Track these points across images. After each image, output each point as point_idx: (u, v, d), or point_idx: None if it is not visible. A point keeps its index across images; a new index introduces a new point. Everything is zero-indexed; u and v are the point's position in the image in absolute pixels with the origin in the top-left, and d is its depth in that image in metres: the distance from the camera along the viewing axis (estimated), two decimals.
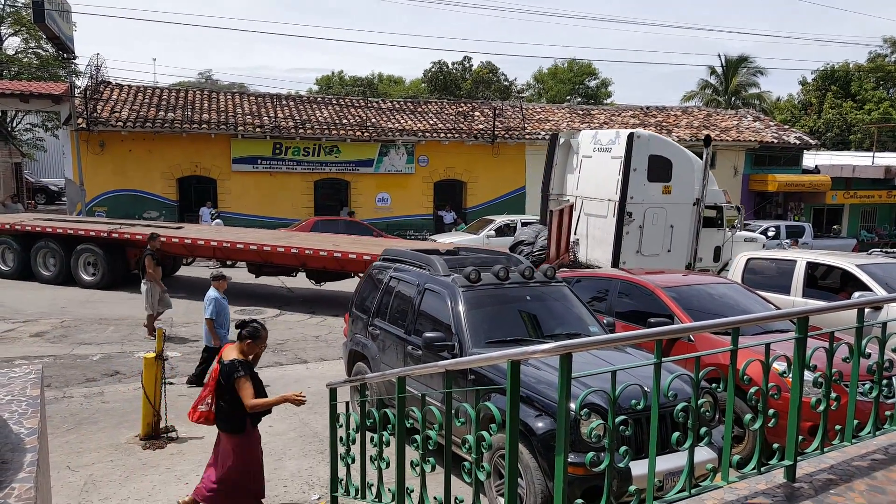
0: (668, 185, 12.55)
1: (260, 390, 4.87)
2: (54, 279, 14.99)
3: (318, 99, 26.58)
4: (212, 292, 8.59)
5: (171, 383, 8.02)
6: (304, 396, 4.77)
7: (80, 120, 20.27)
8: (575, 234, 13.25)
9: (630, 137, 12.31)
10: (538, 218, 19.94)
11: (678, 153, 12.84)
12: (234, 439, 4.84)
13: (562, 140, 14.31)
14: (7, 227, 15.30)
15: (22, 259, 15.17)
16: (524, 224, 19.50)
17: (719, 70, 44.53)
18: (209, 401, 4.94)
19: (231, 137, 21.52)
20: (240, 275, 16.79)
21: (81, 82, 22.65)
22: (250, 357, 4.96)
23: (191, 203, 21.81)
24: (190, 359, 9.76)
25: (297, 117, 23.00)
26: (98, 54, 22.22)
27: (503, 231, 19.24)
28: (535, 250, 13.10)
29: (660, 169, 12.45)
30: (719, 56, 46.82)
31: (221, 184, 21.85)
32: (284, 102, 24.68)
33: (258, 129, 21.71)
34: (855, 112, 40.09)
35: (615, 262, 12.27)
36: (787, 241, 20.71)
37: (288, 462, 6.29)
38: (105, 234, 14.58)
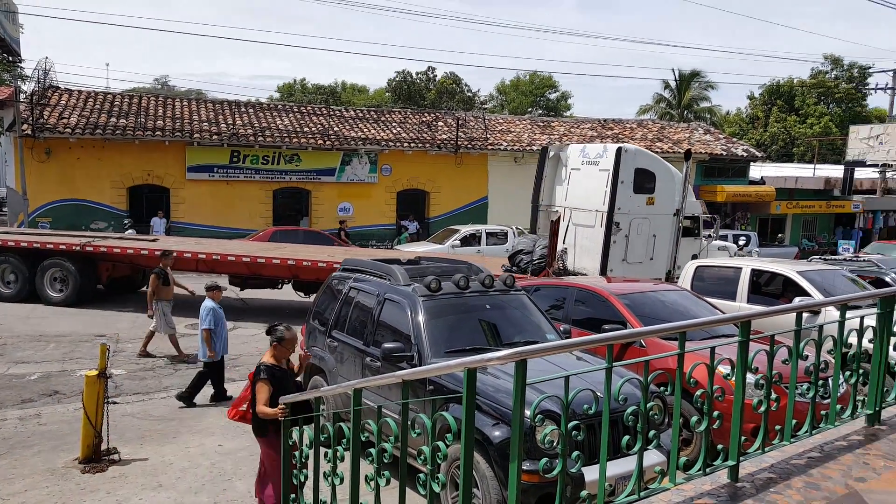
0: (652, 196, 13.18)
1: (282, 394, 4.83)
2: (14, 297, 14.05)
3: (279, 106, 26.33)
4: (208, 302, 8.54)
5: (114, 402, 7.72)
6: (286, 409, 4.74)
7: (24, 126, 19.54)
8: (563, 243, 13.68)
9: (618, 151, 12.87)
10: (501, 228, 20.25)
11: (661, 166, 13.50)
12: (260, 441, 5.00)
13: (551, 153, 14.81)
14: None
15: None
16: (490, 234, 19.72)
17: (673, 84, 45.80)
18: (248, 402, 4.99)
19: (186, 145, 21.11)
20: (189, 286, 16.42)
21: (28, 87, 21.98)
22: (282, 361, 4.97)
23: (142, 213, 21.25)
24: (136, 376, 9.46)
25: (256, 125, 22.73)
26: (46, 58, 21.48)
27: (468, 241, 19.35)
28: (534, 259, 13.44)
29: (644, 181, 13.12)
30: (673, 71, 48.11)
31: (175, 193, 21.40)
32: (243, 109, 24.35)
33: (215, 137, 21.37)
34: (798, 126, 41.68)
35: (603, 271, 12.73)
36: (758, 249, 21.65)
37: (238, 483, 6.12)
38: (78, 248, 13.86)
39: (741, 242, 21.16)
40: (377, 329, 6.42)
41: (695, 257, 13.39)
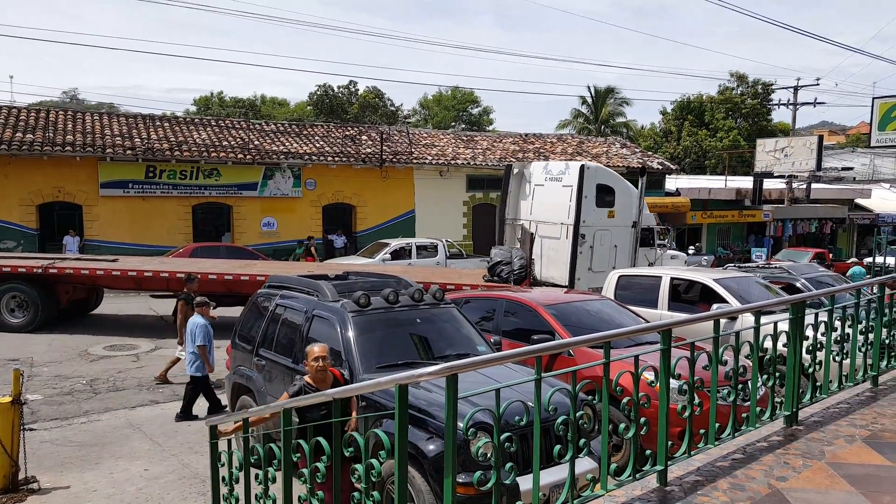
0: (613, 210, 14.29)
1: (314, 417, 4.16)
2: None
3: (196, 120, 25.55)
4: (198, 318, 8.35)
5: (31, 429, 7.34)
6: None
7: None
8: (530, 254, 14.51)
9: (582, 168, 13.86)
10: (431, 241, 20.30)
11: (619, 182, 14.59)
12: None
13: (515, 170, 15.67)
14: None
15: None
16: (420, 247, 19.71)
17: (590, 100, 47.39)
18: None
19: (99, 160, 20.15)
20: (104, 305, 15.72)
21: None
22: (322, 384, 4.64)
23: (53, 231, 20.17)
24: (53, 401, 8.97)
25: (172, 139, 21.95)
26: None
27: (399, 254, 19.27)
28: (515, 269, 13.92)
29: (605, 196, 14.19)
30: (589, 87, 49.83)
31: (88, 210, 20.37)
32: (159, 123, 23.50)
33: (129, 152, 20.49)
34: (709, 139, 43.85)
35: (571, 280, 13.53)
36: (707, 257, 22.70)
37: None
38: (40, 270, 13.06)
39: (690, 251, 22.89)
40: (306, 346, 6.27)
41: (651, 265, 14.38)
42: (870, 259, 21.60)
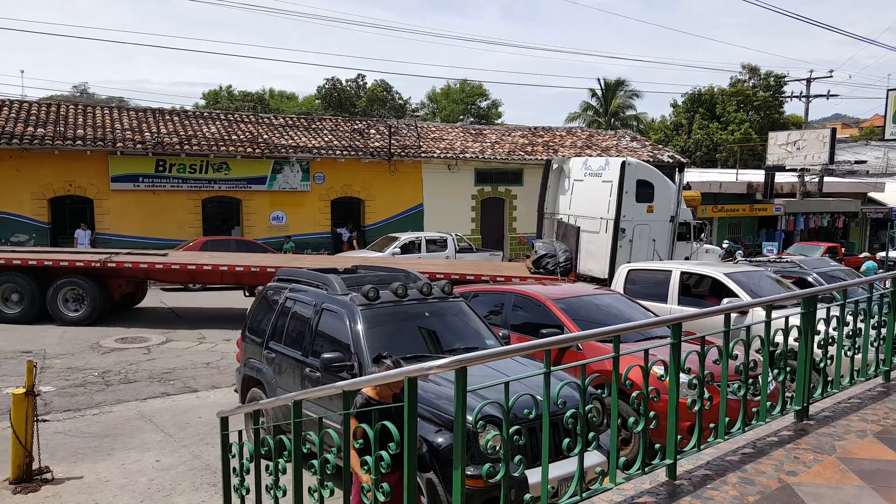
0: (651, 204, 14.76)
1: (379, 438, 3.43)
2: (22, 318, 13.36)
3: (205, 114, 25.60)
4: None
5: (44, 420, 7.43)
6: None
7: None
8: (576, 248, 15.06)
9: (623, 165, 14.39)
10: (440, 235, 20.36)
11: (658, 178, 15.04)
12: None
13: (554, 165, 16.44)
14: None
15: None
16: (430, 241, 19.75)
17: (599, 93, 47.13)
18: None
19: (109, 154, 20.26)
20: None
21: None
22: (387, 398, 4.09)
23: (65, 225, 20.32)
24: (66, 393, 9.06)
25: (182, 133, 22.03)
26: None
27: (408, 248, 19.30)
28: (560, 262, 14.36)
29: (644, 191, 14.68)
30: (598, 80, 49.53)
31: (99, 204, 20.51)
32: (168, 117, 23.58)
33: (139, 146, 20.59)
34: (720, 132, 43.52)
35: (611, 273, 13.65)
36: (740, 251, 22.86)
37: (178, 498, 5.95)
38: (98, 264, 13.34)
39: (724, 245, 23.23)
40: (316, 339, 6.30)
41: (687, 259, 14.78)
42: (882, 254, 21.44)
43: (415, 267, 14.26)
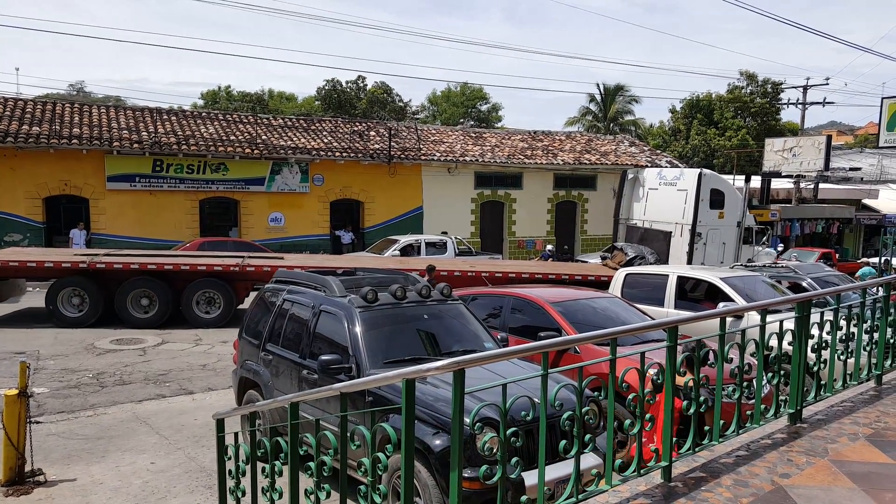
0: (722, 211, 16.44)
1: None
2: (150, 322, 13.57)
3: (203, 114, 25.57)
4: None
5: (37, 422, 7.40)
6: None
7: None
8: (668, 251, 16.55)
9: (699, 175, 16.34)
10: (439, 237, 20.37)
11: (728, 187, 17.03)
12: None
13: (630, 175, 18.51)
14: (83, 265, 13.30)
15: (99, 301, 13.52)
16: (429, 244, 19.75)
17: (599, 98, 47.25)
18: None
19: (105, 154, 20.23)
20: None
21: None
22: None
23: (60, 225, 20.28)
24: (60, 394, 9.02)
25: (179, 133, 22.01)
26: None
27: (407, 251, 19.27)
28: (651, 263, 15.12)
29: (716, 199, 16.48)
30: (598, 85, 49.63)
31: (95, 203, 20.46)
32: (166, 117, 23.55)
33: (136, 145, 20.57)
34: (717, 138, 43.65)
35: None
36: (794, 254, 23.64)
37: (173, 500, 5.93)
38: (236, 268, 13.68)
39: (780, 248, 24.67)
40: (313, 341, 6.31)
41: (750, 261, 15.83)
42: (876, 259, 21.53)
43: (510, 268, 15.21)
